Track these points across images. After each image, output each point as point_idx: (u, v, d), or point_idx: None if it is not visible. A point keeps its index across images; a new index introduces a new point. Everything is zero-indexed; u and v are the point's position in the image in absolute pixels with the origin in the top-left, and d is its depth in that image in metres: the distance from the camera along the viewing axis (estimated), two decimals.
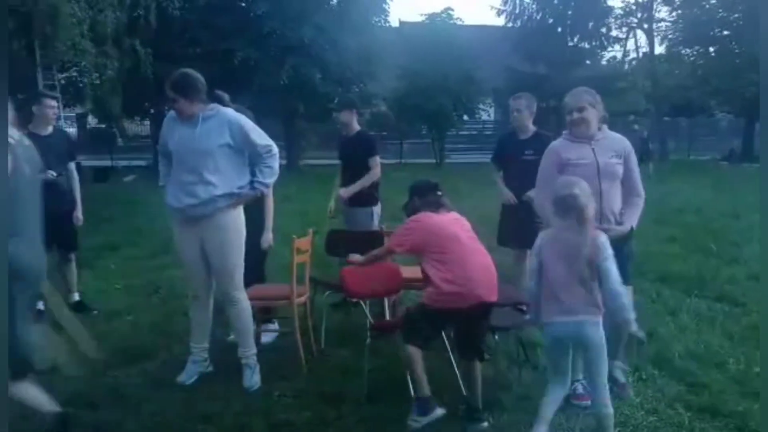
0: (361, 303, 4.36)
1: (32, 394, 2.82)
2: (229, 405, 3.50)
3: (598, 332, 2.91)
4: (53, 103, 5.12)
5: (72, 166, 5.26)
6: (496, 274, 3.32)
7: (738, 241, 7.88)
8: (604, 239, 2.93)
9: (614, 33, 28.65)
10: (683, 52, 27.31)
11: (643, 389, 3.68)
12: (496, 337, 4.03)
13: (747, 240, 7.78)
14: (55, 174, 4.88)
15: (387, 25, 22.21)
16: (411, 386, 3.32)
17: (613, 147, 3.51)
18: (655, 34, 30.41)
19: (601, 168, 3.41)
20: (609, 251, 2.91)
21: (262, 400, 3.58)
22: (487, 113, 27.47)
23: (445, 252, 3.27)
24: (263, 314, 4.48)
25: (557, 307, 2.93)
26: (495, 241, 4.95)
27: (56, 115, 5.28)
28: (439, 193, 3.51)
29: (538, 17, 25.59)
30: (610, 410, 2.93)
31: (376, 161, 5.16)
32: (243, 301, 3.82)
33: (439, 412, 3.19)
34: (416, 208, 3.49)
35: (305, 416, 3.36)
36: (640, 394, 3.61)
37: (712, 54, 25.19)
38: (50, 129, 5.10)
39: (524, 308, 4.36)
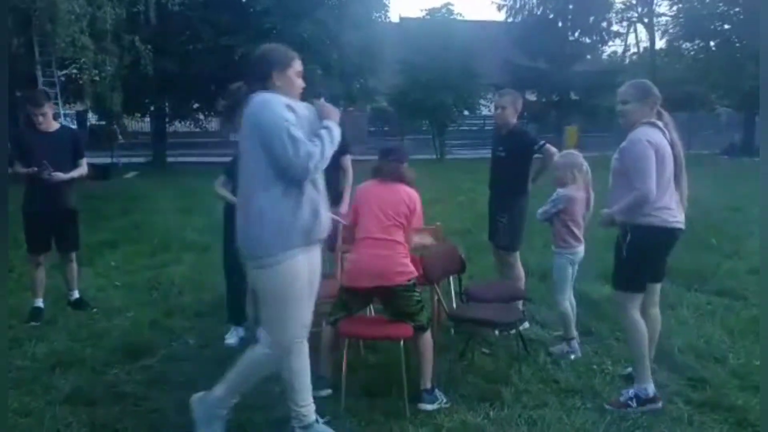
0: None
1: None
2: None
3: None
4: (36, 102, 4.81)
5: (82, 163, 5.04)
6: (386, 262, 3.30)
7: (738, 235, 7.87)
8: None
9: (615, 27, 28.71)
10: (683, 46, 27.21)
11: None
12: (497, 332, 4.04)
13: (747, 234, 7.77)
14: (35, 169, 4.66)
15: (387, 20, 22.16)
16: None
17: None
18: (656, 28, 30.43)
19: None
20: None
21: (262, 396, 3.57)
22: (488, 108, 27.34)
23: (355, 227, 3.36)
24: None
25: (575, 239, 4.15)
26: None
27: (42, 114, 4.79)
28: (391, 159, 3.44)
29: (539, 12, 25.60)
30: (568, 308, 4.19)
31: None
32: None
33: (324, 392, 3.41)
34: (374, 170, 3.49)
35: None
36: None
37: (713, 48, 25.09)
38: (55, 126, 4.95)
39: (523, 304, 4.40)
